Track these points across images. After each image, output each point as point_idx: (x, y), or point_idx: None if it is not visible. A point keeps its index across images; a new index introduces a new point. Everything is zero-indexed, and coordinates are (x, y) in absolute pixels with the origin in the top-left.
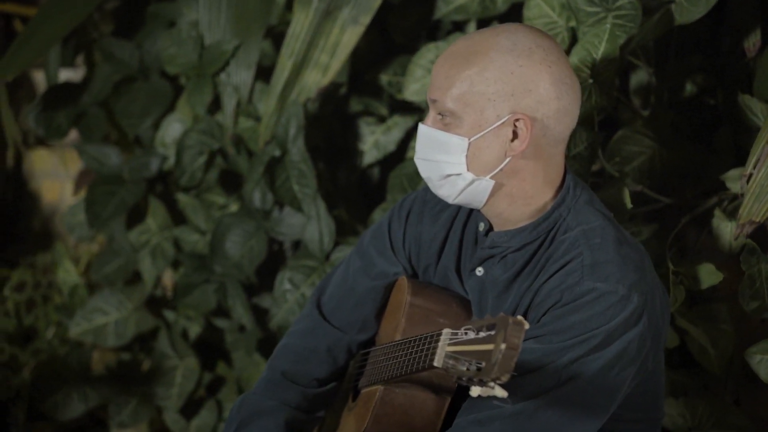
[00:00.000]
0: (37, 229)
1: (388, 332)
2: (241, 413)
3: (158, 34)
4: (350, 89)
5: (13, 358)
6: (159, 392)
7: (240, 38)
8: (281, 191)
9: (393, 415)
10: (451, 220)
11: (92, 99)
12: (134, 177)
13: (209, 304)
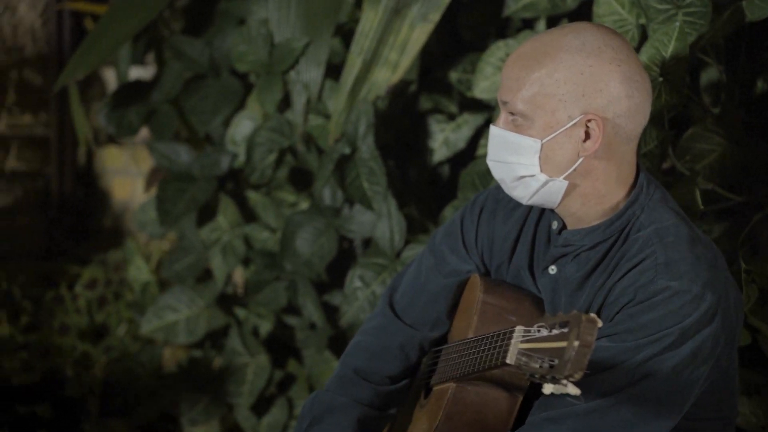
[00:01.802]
0: (109, 226)
1: (460, 330)
2: (313, 410)
3: (228, 32)
4: (420, 87)
5: (86, 355)
6: (230, 390)
7: (310, 36)
8: (351, 189)
9: (465, 413)
10: (524, 219)
11: (163, 97)
12: (205, 174)
13: (280, 301)
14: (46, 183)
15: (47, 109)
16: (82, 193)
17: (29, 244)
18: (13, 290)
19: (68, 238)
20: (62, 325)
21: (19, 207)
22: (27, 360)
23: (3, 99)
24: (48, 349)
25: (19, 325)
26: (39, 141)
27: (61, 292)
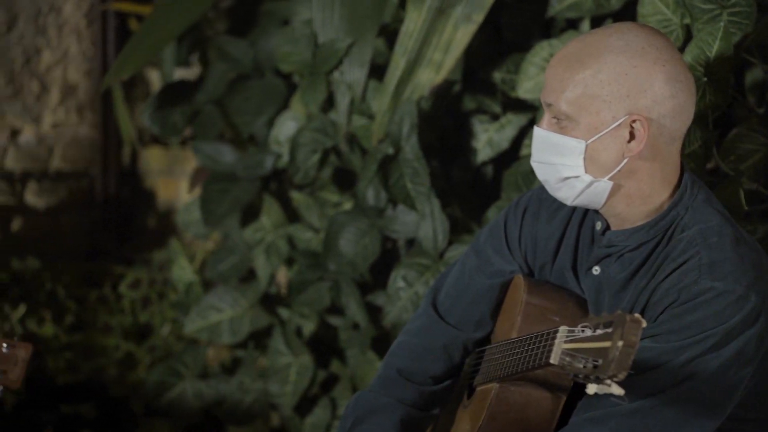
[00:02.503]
0: (153, 226)
1: (504, 330)
2: (357, 410)
3: (272, 33)
4: (463, 87)
5: (130, 355)
6: (273, 389)
7: (353, 36)
8: (395, 189)
9: (508, 413)
10: (568, 219)
11: (207, 97)
12: (248, 175)
13: (323, 301)
14: (91, 183)
15: (92, 110)
16: (127, 194)
17: (74, 245)
18: (57, 290)
19: (113, 239)
20: (106, 325)
21: (63, 207)
22: (71, 360)
23: (48, 99)
24: (92, 349)
25: (64, 325)
26: (84, 141)
27: (106, 292)
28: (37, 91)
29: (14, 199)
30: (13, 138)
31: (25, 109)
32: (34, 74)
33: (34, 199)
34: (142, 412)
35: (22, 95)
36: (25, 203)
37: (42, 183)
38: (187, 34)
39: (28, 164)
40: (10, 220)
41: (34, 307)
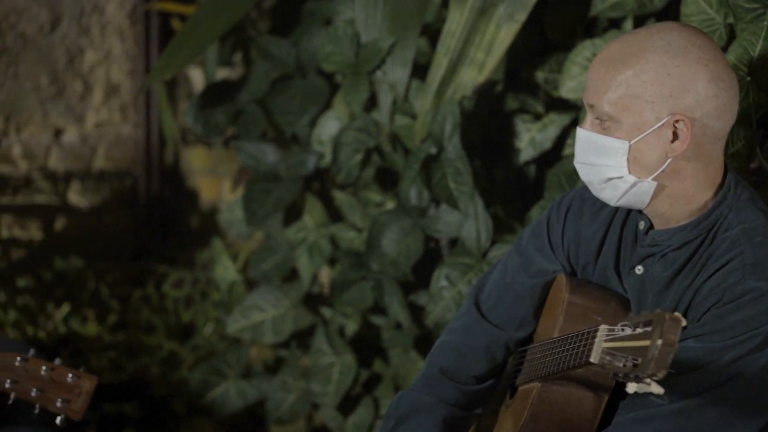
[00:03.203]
0: (196, 226)
1: (546, 330)
2: (399, 410)
3: (315, 32)
4: (506, 86)
5: (173, 354)
6: (316, 389)
7: (396, 36)
8: (437, 189)
9: (550, 413)
10: (610, 218)
11: (250, 97)
12: (291, 174)
13: (366, 301)
14: (134, 183)
15: (135, 110)
16: (170, 193)
17: (117, 244)
18: (101, 290)
19: (156, 238)
20: (149, 325)
21: (107, 207)
22: (114, 359)
23: (91, 99)
24: (135, 348)
25: (107, 324)
26: (127, 141)
27: (149, 292)
28: (81, 91)
29: (58, 198)
30: (57, 138)
31: (68, 109)
32: (77, 74)
33: (78, 199)
34: (184, 411)
35: (65, 95)
36: (68, 203)
37: (85, 182)
38: (230, 33)
39: (72, 164)
40: (54, 220)
41: (77, 307)
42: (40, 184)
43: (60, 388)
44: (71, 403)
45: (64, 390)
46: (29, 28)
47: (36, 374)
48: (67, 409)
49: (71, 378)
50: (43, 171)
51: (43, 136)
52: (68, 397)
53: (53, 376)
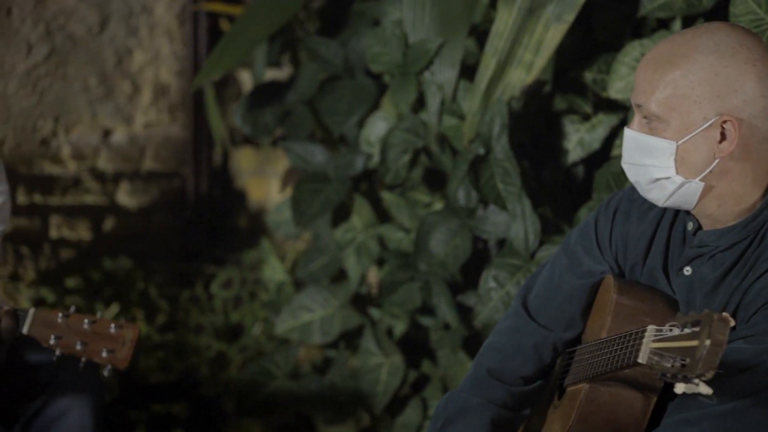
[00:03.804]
0: (244, 226)
1: (594, 330)
2: (447, 410)
3: (363, 33)
4: (554, 87)
5: (221, 354)
6: (364, 389)
7: (444, 36)
8: (486, 189)
9: (598, 414)
10: (658, 219)
11: (298, 97)
12: (339, 175)
13: (414, 302)
14: (182, 183)
15: (183, 110)
16: (218, 194)
17: (166, 244)
18: (149, 290)
19: (204, 239)
20: (198, 325)
21: (155, 207)
22: (163, 359)
23: (140, 100)
24: (184, 349)
25: (156, 325)
26: (175, 142)
27: (197, 292)
28: (129, 92)
29: (107, 199)
30: (106, 138)
31: (117, 110)
32: (126, 75)
33: (127, 199)
34: (233, 411)
35: (114, 96)
36: (117, 203)
37: (134, 183)
38: (278, 34)
39: (121, 164)
40: (103, 220)
41: (126, 307)
42: (89, 184)
43: (103, 340)
44: (116, 353)
45: (108, 341)
46: (78, 29)
47: (78, 328)
48: (112, 358)
49: (114, 329)
50: (92, 171)
51: (92, 137)
52: (112, 347)
53: (95, 328)
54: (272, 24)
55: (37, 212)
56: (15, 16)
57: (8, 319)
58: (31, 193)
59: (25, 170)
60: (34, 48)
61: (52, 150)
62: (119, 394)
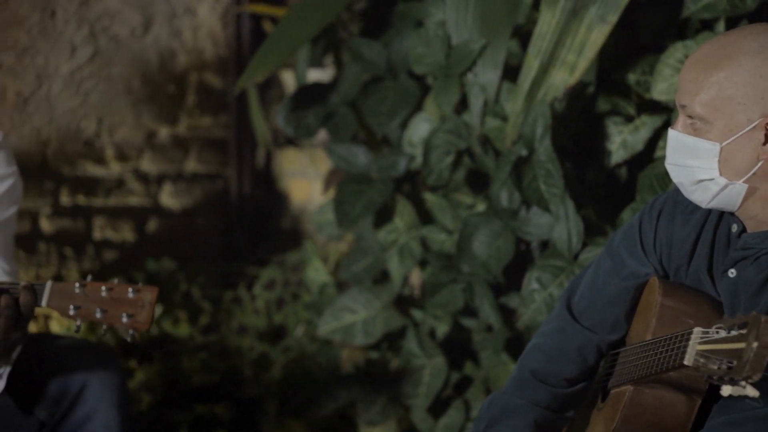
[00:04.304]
0: (287, 228)
1: (638, 332)
2: (491, 412)
3: (406, 34)
4: (597, 88)
5: (264, 355)
6: (407, 391)
7: (487, 38)
8: (528, 191)
9: (642, 416)
10: (703, 221)
11: (341, 99)
12: (382, 176)
13: (457, 303)
14: (226, 185)
15: (227, 112)
16: (261, 195)
17: (209, 246)
18: (192, 291)
19: (247, 240)
20: (241, 326)
21: (198, 208)
22: (206, 360)
23: (183, 102)
24: (227, 350)
25: (199, 326)
26: (218, 143)
27: (240, 293)
28: (173, 93)
29: (150, 200)
30: (150, 140)
31: (160, 111)
32: (169, 76)
33: (170, 201)
34: (275, 412)
35: (157, 97)
36: (160, 204)
37: (177, 184)
38: (321, 35)
39: (164, 166)
40: (146, 221)
41: (169, 308)
42: (133, 185)
43: (123, 305)
44: (136, 316)
45: (127, 305)
46: (122, 30)
47: (97, 296)
48: (133, 323)
49: (132, 293)
50: (136, 173)
51: (136, 138)
52: (132, 311)
53: (113, 295)
54: (315, 25)
55: (81, 213)
56: (59, 18)
57: (26, 293)
58: (74, 194)
59: (68, 171)
60: (78, 49)
61: (96, 151)
62: (163, 396)
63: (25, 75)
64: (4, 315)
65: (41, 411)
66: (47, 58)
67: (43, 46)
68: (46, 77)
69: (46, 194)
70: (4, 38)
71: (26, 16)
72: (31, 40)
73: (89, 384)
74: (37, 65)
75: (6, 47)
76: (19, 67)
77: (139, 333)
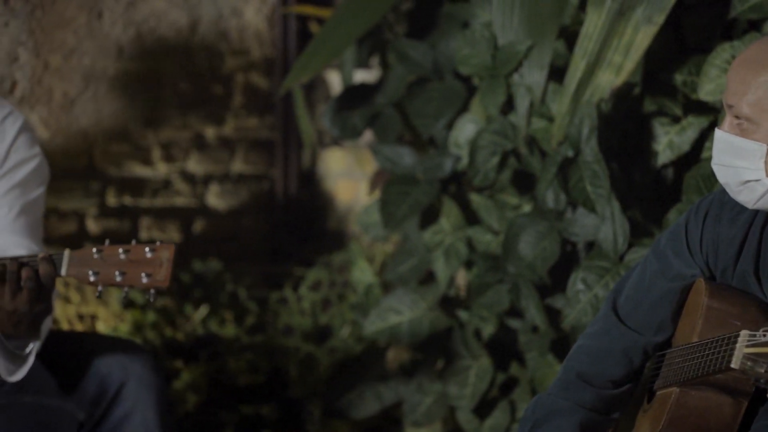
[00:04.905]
0: (333, 228)
1: (684, 334)
2: (536, 413)
3: (452, 35)
4: (644, 89)
5: (310, 356)
6: (452, 392)
7: (533, 39)
8: (574, 191)
9: (688, 418)
10: (749, 222)
11: (387, 100)
12: (428, 177)
13: (502, 304)
14: (271, 185)
15: (273, 112)
16: (307, 196)
17: (255, 246)
18: (239, 292)
19: (293, 240)
20: (287, 327)
21: (245, 209)
22: (252, 361)
23: (230, 102)
24: (272, 350)
25: (245, 326)
26: (264, 144)
27: (286, 294)
28: (219, 94)
29: (196, 201)
30: (196, 140)
31: (207, 112)
32: (216, 77)
33: (216, 201)
34: (321, 413)
35: (204, 98)
36: (206, 205)
37: (223, 185)
38: (367, 36)
39: (211, 167)
40: (192, 222)
41: (215, 309)
42: (179, 186)
43: (141, 265)
44: (155, 275)
45: (145, 265)
46: (168, 31)
47: (115, 260)
48: (152, 282)
49: (149, 252)
50: (182, 174)
51: (183, 139)
52: (150, 270)
53: (131, 256)
54: (361, 26)
55: (128, 214)
56: (106, 19)
57: (45, 264)
58: (121, 194)
59: (115, 172)
60: (124, 50)
61: (142, 152)
62: (208, 396)
63: (72, 76)
64: (27, 287)
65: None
66: (94, 60)
67: (90, 47)
68: (93, 79)
69: (93, 195)
70: (51, 39)
71: (73, 17)
72: (78, 41)
73: (127, 384)
74: (84, 66)
75: (53, 48)
76: (66, 68)
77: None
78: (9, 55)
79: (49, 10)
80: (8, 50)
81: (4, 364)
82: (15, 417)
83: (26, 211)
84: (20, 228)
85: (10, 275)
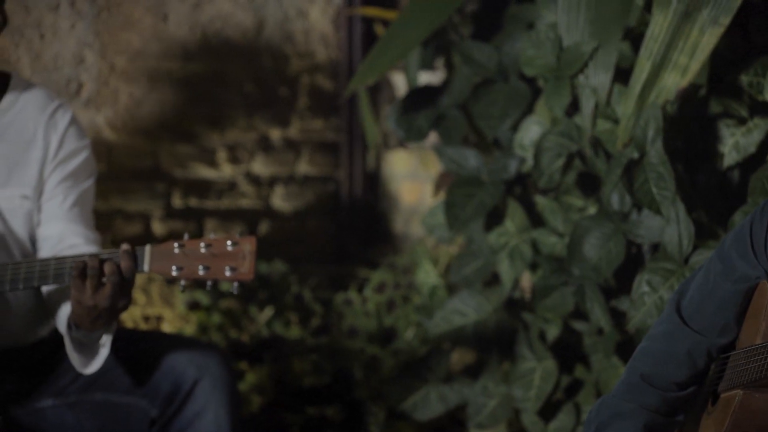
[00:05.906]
0: (398, 230)
1: (749, 336)
2: (600, 416)
3: (517, 36)
4: (709, 91)
5: (374, 358)
6: (517, 394)
7: (598, 40)
8: (639, 193)
9: (753, 421)
10: None
11: (451, 101)
12: (493, 179)
13: (567, 306)
14: (337, 187)
15: (338, 114)
16: (372, 197)
17: (320, 248)
18: (304, 293)
19: (358, 242)
20: (352, 328)
21: (310, 211)
22: (317, 362)
23: (295, 104)
24: (337, 352)
25: (310, 328)
26: (330, 145)
27: (351, 296)
28: (285, 96)
29: (262, 203)
30: (261, 142)
31: (273, 114)
32: (281, 79)
33: (281, 203)
34: (386, 415)
35: (270, 100)
36: (272, 207)
37: (289, 187)
38: (433, 38)
39: (276, 168)
40: (258, 224)
41: (281, 310)
42: (245, 188)
43: (224, 259)
44: (239, 268)
45: (229, 258)
46: (234, 33)
47: (196, 254)
48: (236, 275)
49: (231, 245)
50: (248, 175)
51: (248, 141)
52: (234, 263)
53: (213, 250)
54: (426, 28)
55: (193, 216)
56: (171, 22)
57: (127, 258)
58: (186, 196)
59: (181, 174)
60: (190, 52)
61: (208, 154)
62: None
63: (138, 77)
64: (111, 282)
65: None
66: (159, 62)
67: (156, 49)
68: (159, 80)
69: (158, 196)
70: (117, 41)
71: (139, 19)
72: (143, 42)
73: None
74: (150, 68)
75: (119, 50)
76: (132, 69)
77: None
78: (75, 57)
79: (115, 12)
80: (75, 52)
81: (78, 357)
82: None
83: (80, 201)
84: (76, 216)
85: (91, 271)
